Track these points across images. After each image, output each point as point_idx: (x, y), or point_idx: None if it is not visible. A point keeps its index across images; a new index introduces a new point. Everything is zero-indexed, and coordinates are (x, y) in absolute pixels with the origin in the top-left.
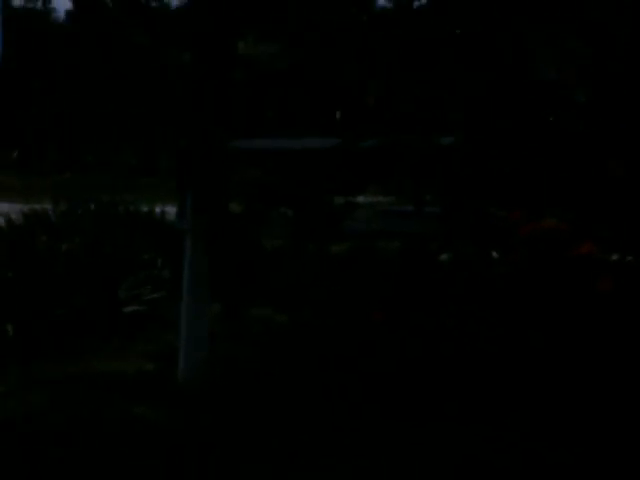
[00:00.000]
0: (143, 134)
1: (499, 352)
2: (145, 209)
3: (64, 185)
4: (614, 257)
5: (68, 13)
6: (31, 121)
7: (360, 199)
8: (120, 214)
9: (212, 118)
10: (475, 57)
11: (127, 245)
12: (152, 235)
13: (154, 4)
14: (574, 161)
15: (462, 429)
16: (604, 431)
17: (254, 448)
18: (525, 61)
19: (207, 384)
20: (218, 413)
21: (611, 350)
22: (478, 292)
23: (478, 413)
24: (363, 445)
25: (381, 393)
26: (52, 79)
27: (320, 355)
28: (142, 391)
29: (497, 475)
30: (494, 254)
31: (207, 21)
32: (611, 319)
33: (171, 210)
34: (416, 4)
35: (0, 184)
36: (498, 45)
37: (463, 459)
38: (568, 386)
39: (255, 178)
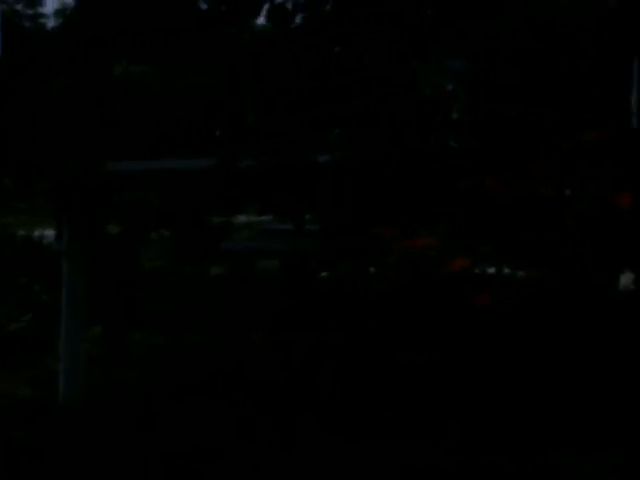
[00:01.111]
0: (18, 157)
1: (382, 369)
2: (22, 233)
3: None
4: (491, 271)
5: None
6: None
7: (241, 218)
8: None
9: (87, 140)
10: (356, 75)
11: (2, 269)
12: (30, 258)
13: (28, 24)
14: (450, 177)
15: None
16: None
17: (135, 469)
18: (409, 80)
19: (88, 408)
20: (100, 436)
21: (491, 363)
22: (358, 310)
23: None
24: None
25: (260, 412)
26: None
27: (202, 376)
28: (21, 417)
29: None
30: (372, 271)
31: (81, 42)
32: (491, 333)
33: (51, 234)
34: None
35: None
36: (380, 65)
37: None
38: (450, 399)
39: (133, 199)
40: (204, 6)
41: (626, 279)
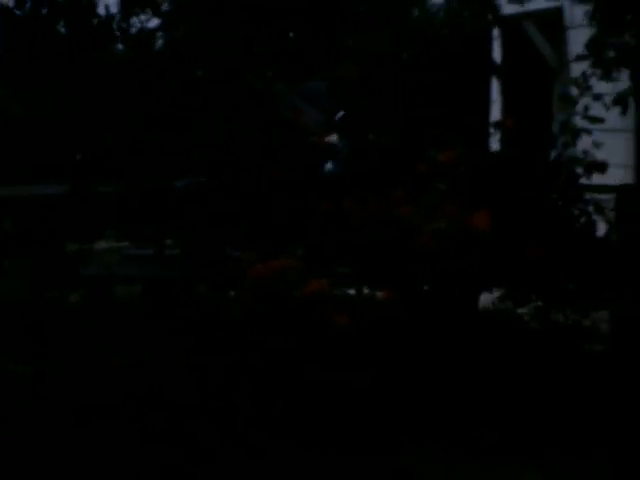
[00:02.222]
0: None
1: (244, 396)
2: None
3: None
4: (351, 292)
5: None
6: None
7: (103, 245)
8: None
9: None
10: (217, 98)
11: None
12: None
13: None
14: (310, 200)
15: None
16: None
17: None
18: (271, 103)
19: None
20: None
21: (352, 382)
22: (217, 333)
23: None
24: None
25: (125, 445)
26: None
27: (63, 406)
28: None
29: None
30: (232, 294)
31: None
32: (350, 352)
33: None
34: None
35: None
36: (242, 87)
37: None
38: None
39: None
40: (63, 30)
41: (486, 298)
